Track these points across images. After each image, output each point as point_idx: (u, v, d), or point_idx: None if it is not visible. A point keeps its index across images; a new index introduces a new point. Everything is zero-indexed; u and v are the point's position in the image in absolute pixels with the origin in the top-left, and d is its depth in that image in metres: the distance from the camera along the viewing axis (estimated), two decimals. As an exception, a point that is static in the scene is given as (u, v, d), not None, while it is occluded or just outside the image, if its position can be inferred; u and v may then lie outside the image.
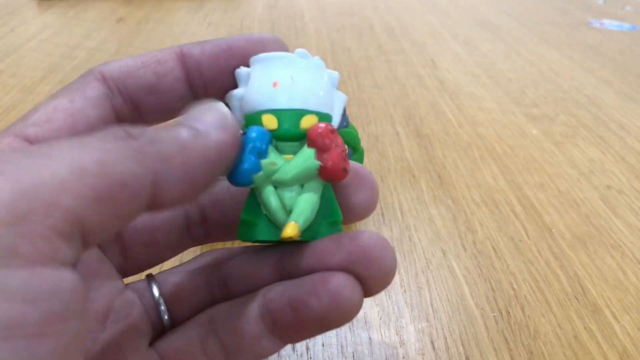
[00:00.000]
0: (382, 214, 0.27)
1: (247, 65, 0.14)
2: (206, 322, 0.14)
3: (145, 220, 0.15)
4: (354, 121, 0.37)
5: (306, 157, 0.13)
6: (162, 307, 0.14)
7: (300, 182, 0.13)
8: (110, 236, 0.10)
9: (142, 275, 0.15)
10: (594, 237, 0.26)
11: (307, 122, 0.13)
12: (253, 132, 0.13)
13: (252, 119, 0.13)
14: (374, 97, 0.42)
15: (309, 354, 0.19)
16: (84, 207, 0.08)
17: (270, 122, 0.13)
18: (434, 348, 0.19)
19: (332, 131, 0.13)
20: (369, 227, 0.26)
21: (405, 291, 0.22)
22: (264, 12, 0.63)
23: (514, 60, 0.51)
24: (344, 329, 0.20)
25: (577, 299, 0.22)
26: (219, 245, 0.22)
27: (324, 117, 0.13)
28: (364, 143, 0.34)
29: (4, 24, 0.54)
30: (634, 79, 0.48)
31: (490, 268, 0.24)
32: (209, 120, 0.11)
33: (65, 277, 0.08)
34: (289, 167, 0.13)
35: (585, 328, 0.21)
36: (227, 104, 0.14)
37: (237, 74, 0.14)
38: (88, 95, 0.13)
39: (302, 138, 0.13)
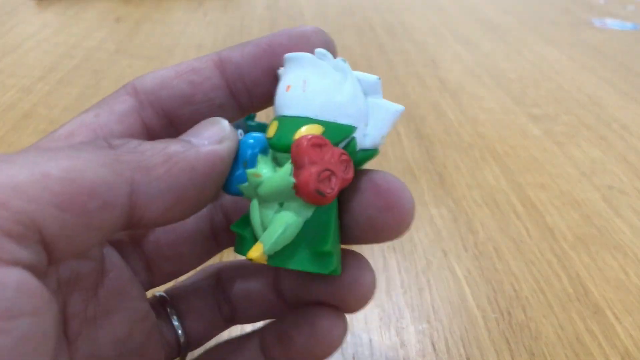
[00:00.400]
0: (383, 214, 0.27)
1: None
2: None
3: (168, 234, 0.14)
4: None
5: (283, 172, 0.11)
6: (182, 340, 0.14)
7: (278, 199, 0.11)
8: (90, 248, 0.09)
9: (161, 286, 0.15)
10: (596, 238, 0.26)
11: (304, 132, 0.11)
12: (244, 139, 0.12)
13: (270, 123, 0.12)
14: (375, 97, 0.41)
15: (308, 356, 0.19)
16: (41, 212, 0.08)
17: (272, 129, 0.12)
18: (434, 349, 0.19)
19: (318, 145, 0.11)
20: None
21: (405, 292, 0.22)
22: (264, 12, 0.63)
23: (515, 60, 0.51)
24: (344, 330, 0.20)
25: (578, 299, 0.22)
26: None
27: (338, 129, 0.11)
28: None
29: (2, 24, 0.54)
30: (635, 79, 0.48)
31: (492, 269, 0.24)
32: (206, 134, 0.11)
33: (10, 276, 0.08)
34: (267, 180, 0.11)
35: (586, 329, 0.20)
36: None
37: (279, 75, 0.13)
38: (115, 109, 0.12)
39: None
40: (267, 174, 0.11)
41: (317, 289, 0.13)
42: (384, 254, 0.24)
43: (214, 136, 0.11)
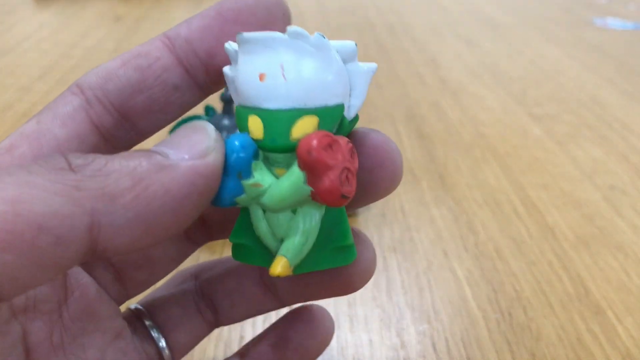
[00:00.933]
0: (384, 215, 0.27)
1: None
2: None
3: None
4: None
5: (294, 180, 0.10)
6: (166, 353, 0.13)
7: (290, 207, 0.11)
8: (43, 283, 0.08)
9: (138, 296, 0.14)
10: (597, 238, 0.26)
11: (301, 127, 0.10)
12: (233, 144, 0.10)
13: (239, 115, 0.11)
14: (375, 97, 0.41)
15: (308, 357, 0.19)
16: None
17: (256, 127, 0.10)
18: (435, 350, 0.19)
19: (330, 144, 0.10)
20: (370, 228, 0.26)
21: (406, 292, 0.22)
22: (264, 11, 0.63)
23: (516, 60, 0.51)
24: (344, 331, 0.20)
25: (579, 300, 0.22)
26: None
27: (331, 113, 0.10)
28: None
29: (1, 23, 0.54)
30: (637, 78, 0.48)
31: (492, 269, 0.23)
32: (186, 145, 0.09)
33: None
34: (275, 191, 0.10)
35: (588, 330, 0.20)
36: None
37: (226, 50, 0.11)
38: (59, 112, 0.11)
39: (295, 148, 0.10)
40: (268, 181, 0.10)
41: (315, 275, 0.13)
42: (384, 255, 0.24)
43: (195, 147, 0.09)
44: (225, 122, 0.25)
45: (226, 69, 0.11)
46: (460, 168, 0.32)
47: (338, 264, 0.11)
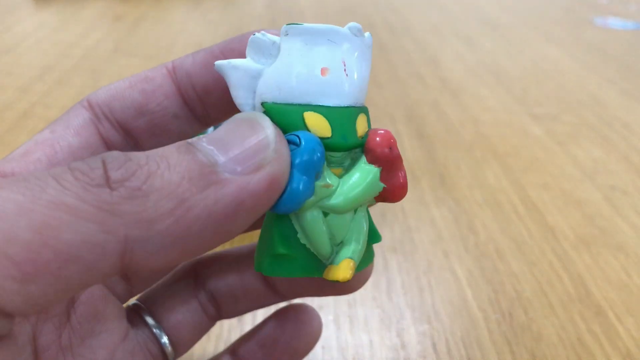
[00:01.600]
0: (384, 215, 0.27)
1: None
2: None
3: None
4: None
5: (373, 178, 0.10)
6: (169, 350, 0.14)
7: (358, 207, 0.10)
8: (64, 302, 0.08)
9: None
10: (598, 238, 0.26)
11: (360, 125, 0.10)
12: (307, 143, 0.09)
13: (286, 112, 0.09)
14: (375, 97, 0.41)
15: (309, 357, 0.19)
16: (1, 290, 0.07)
17: (319, 125, 0.09)
18: (435, 350, 0.19)
19: (395, 141, 0.10)
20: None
21: (406, 293, 0.22)
22: (264, 10, 0.63)
23: (516, 59, 0.51)
24: (345, 331, 0.20)
25: (580, 300, 0.22)
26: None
27: (367, 112, 0.10)
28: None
29: (0, 22, 0.53)
30: (638, 78, 0.47)
31: (493, 269, 0.23)
32: (240, 149, 0.08)
33: None
34: (349, 190, 0.10)
35: (588, 330, 0.20)
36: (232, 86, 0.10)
37: (253, 41, 0.10)
38: (71, 123, 0.12)
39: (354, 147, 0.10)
40: (335, 181, 0.10)
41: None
42: (384, 255, 0.24)
43: (251, 157, 0.08)
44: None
45: (248, 63, 0.10)
46: (460, 168, 0.31)
47: (368, 263, 0.11)
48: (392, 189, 0.10)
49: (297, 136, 0.09)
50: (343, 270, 0.10)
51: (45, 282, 0.07)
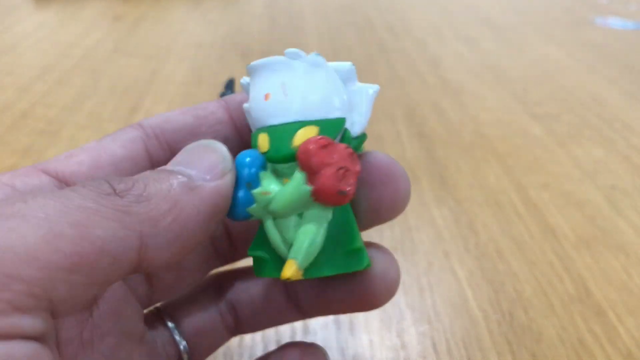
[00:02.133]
0: (383, 215, 0.27)
1: None
2: None
3: None
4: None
5: (296, 182, 0.11)
6: (185, 357, 0.14)
7: (296, 211, 0.11)
8: (91, 301, 0.09)
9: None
10: (598, 239, 0.26)
11: (302, 136, 0.11)
12: (244, 160, 0.11)
13: (253, 139, 0.12)
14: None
15: (308, 358, 0.18)
16: (52, 278, 0.08)
17: (263, 142, 0.11)
18: (435, 351, 0.19)
19: (325, 146, 0.11)
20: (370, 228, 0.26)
21: (406, 293, 0.22)
22: (264, 10, 0.63)
23: (517, 59, 0.51)
24: (345, 332, 0.20)
25: (580, 300, 0.22)
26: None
27: (331, 124, 0.11)
28: (365, 143, 0.34)
29: (0, 22, 0.53)
30: (638, 78, 0.47)
31: (493, 270, 0.23)
32: (204, 165, 0.10)
33: (23, 350, 0.08)
34: (280, 195, 0.11)
35: (589, 331, 0.20)
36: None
37: (242, 85, 0.13)
38: (118, 137, 0.12)
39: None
40: (276, 189, 0.11)
41: (339, 289, 0.13)
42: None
43: (214, 168, 0.10)
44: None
45: (245, 105, 0.12)
46: (460, 168, 0.31)
47: (350, 269, 0.11)
48: (316, 189, 0.11)
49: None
50: (284, 270, 0.11)
51: (85, 274, 0.08)
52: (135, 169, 0.12)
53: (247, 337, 0.19)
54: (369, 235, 0.25)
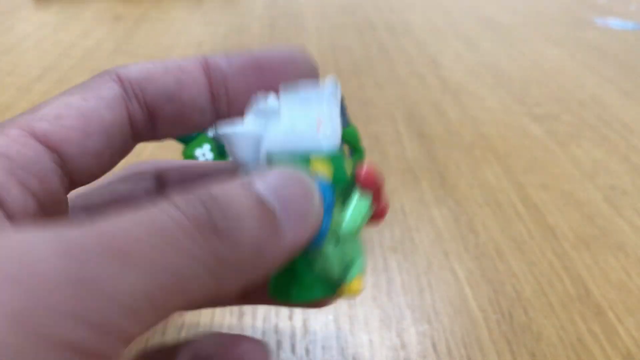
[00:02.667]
0: (383, 215, 0.27)
1: (274, 86, 0.12)
2: None
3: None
4: (354, 120, 0.37)
5: (367, 204, 0.12)
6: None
7: (357, 232, 0.12)
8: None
9: None
10: (598, 238, 0.26)
11: (348, 164, 0.12)
12: (324, 189, 0.11)
13: (294, 160, 0.11)
14: (375, 97, 0.41)
15: (308, 357, 0.19)
16: (139, 328, 0.07)
17: (323, 169, 0.11)
18: (435, 351, 0.19)
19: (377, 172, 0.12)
20: (370, 228, 0.26)
21: (406, 293, 0.22)
22: (264, 11, 0.63)
23: (516, 59, 0.51)
24: (344, 331, 0.20)
25: (580, 300, 0.22)
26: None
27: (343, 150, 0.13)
28: (364, 143, 0.34)
29: (0, 23, 0.53)
30: (638, 78, 0.47)
31: (493, 269, 0.23)
32: (293, 204, 0.09)
33: None
34: (350, 221, 0.12)
35: (588, 330, 0.20)
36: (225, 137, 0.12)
37: (258, 108, 0.12)
38: (103, 94, 0.11)
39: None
40: (339, 215, 0.12)
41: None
42: (384, 255, 0.24)
43: (302, 208, 0.10)
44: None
45: (248, 130, 0.12)
46: (460, 168, 0.31)
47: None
48: (380, 209, 0.13)
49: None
50: (355, 285, 0.12)
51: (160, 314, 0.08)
52: (121, 137, 0.11)
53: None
54: (369, 235, 0.25)
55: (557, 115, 0.40)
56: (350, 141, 0.21)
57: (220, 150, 0.24)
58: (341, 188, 0.12)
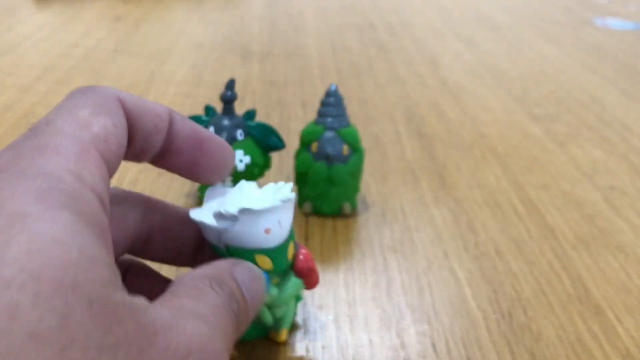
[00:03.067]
0: (383, 215, 0.27)
1: (201, 161, 0.15)
2: None
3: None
4: (354, 120, 0.37)
5: (297, 286, 0.18)
6: None
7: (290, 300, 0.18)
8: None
9: None
10: (597, 238, 0.26)
11: (290, 251, 0.17)
12: (267, 284, 0.16)
13: (243, 254, 0.16)
14: (375, 97, 0.41)
15: (308, 356, 0.19)
16: None
17: (264, 262, 0.16)
18: (435, 351, 0.19)
19: (310, 256, 0.18)
20: (370, 228, 0.26)
21: (406, 293, 0.22)
22: (264, 11, 0.63)
23: (516, 60, 0.51)
24: (344, 331, 0.20)
25: (579, 300, 0.22)
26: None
27: (293, 237, 0.17)
28: (364, 143, 0.34)
29: (0, 23, 0.54)
30: (637, 78, 0.48)
31: (492, 269, 0.23)
32: (255, 293, 0.15)
33: None
34: (285, 296, 0.17)
35: (588, 330, 0.20)
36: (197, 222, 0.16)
37: (219, 214, 0.15)
38: (119, 122, 0.12)
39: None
40: (274, 292, 0.17)
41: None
42: (384, 255, 0.24)
43: (259, 290, 0.15)
44: (225, 122, 0.25)
45: (212, 225, 0.16)
46: (460, 168, 0.32)
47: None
48: (310, 287, 0.18)
49: None
50: (282, 335, 0.19)
51: None
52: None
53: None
54: (369, 235, 0.25)
55: (557, 116, 0.40)
56: (350, 141, 0.24)
57: None
58: (281, 271, 0.17)
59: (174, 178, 0.29)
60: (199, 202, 0.27)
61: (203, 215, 0.16)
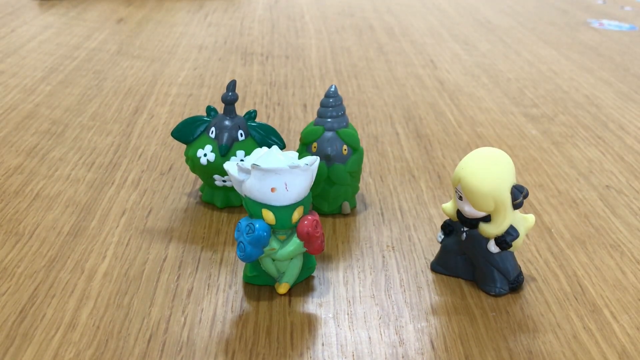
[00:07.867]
0: (382, 214, 0.27)
1: None
2: None
3: None
4: (353, 121, 0.37)
5: (297, 246, 0.20)
6: None
7: (290, 259, 0.21)
8: None
9: None
10: (593, 237, 0.26)
11: (296, 214, 0.20)
12: (258, 231, 0.19)
13: (252, 205, 0.20)
14: (374, 98, 0.42)
15: (308, 354, 0.19)
16: None
17: (269, 217, 0.19)
18: (433, 347, 0.19)
19: (316, 224, 0.20)
20: (369, 226, 0.26)
21: (404, 291, 0.22)
22: (264, 13, 0.63)
23: (513, 61, 0.51)
24: (344, 328, 0.20)
25: (576, 298, 0.22)
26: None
27: (307, 201, 0.20)
28: (363, 143, 0.34)
29: (4, 25, 0.54)
30: (633, 79, 0.48)
31: (490, 268, 0.24)
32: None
33: None
34: (284, 252, 0.20)
35: (584, 327, 0.21)
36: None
37: (240, 166, 0.20)
38: None
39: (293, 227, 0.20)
40: (276, 246, 0.20)
41: None
42: (383, 253, 0.24)
43: None
44: (227, 123, 0.25)
45: (240, 174, 0.20)
46: (458, 168, 0.32)
47: (308, 274, 0.23)
48: (311, 251, 0.21)
49: (253, 224, 0.20)
50: (282, 287, 0.21)
51: None
52: None
53: (248, 332, 0.19)
54: (368, 234, 0.26)
55: (553, 116, 0.40)
56: (349, 142, 0.25)
57: (221, 151, 0.25)
58: (286, 228, 0.20)
59: (176, 178, 0.30)
60: (201, 201, 0.27)
61: (232, 166, 0.20)
